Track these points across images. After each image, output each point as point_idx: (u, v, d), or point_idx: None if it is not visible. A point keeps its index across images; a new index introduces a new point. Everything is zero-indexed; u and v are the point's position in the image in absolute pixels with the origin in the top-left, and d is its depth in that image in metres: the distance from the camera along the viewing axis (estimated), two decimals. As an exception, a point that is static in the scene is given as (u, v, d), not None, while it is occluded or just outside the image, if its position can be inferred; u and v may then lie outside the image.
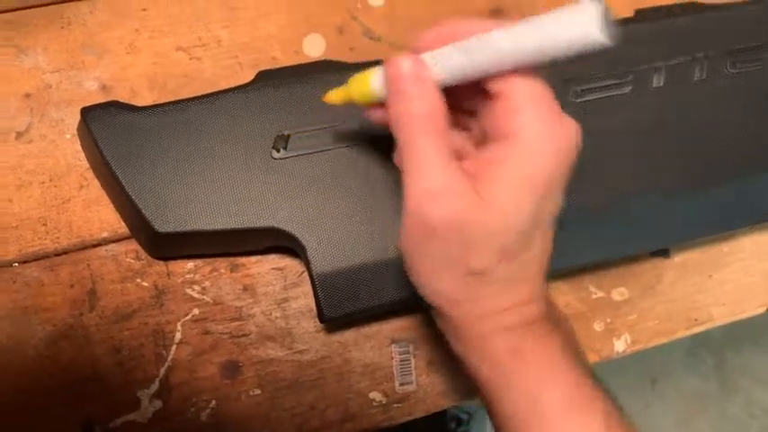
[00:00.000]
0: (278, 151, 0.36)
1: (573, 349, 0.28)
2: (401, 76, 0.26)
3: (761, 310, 0.43)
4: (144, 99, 0.39)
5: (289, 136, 0.36)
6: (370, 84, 0.29)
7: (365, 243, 0.36)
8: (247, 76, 0.39)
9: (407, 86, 0.26)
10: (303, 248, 0.35)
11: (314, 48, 0.41)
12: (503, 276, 0.27)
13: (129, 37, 0.39)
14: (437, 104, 0.26)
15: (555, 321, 0.29)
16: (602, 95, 0.39)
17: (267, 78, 0.37)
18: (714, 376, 1.42)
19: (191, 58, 0.39)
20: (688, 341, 1.42)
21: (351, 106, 0.36)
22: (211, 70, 0.40)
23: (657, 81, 0.40)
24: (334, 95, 0.31)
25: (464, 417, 1.15)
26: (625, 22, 0.41)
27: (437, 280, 0.28)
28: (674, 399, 1.40)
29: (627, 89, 0.39)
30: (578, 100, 0.39)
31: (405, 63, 0.26)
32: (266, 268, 0.38)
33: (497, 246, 0.26)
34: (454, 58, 0.26)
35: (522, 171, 0.25)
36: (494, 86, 0.26)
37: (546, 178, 0.26)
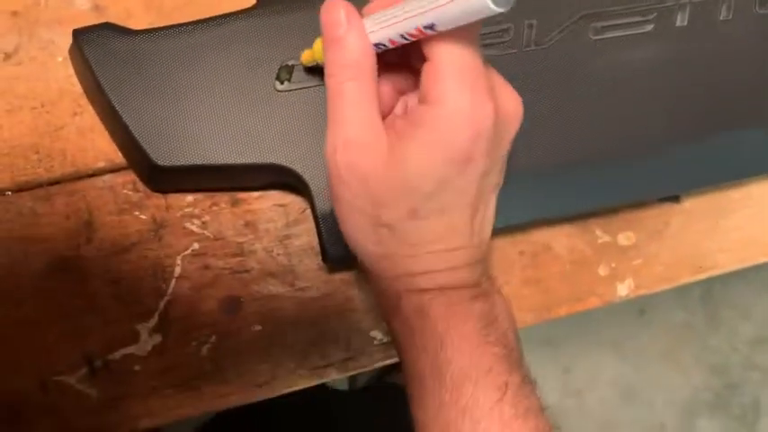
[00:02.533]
0: (281, 83, 0.34)
1: (493, 321, 0.28)
2: (333, 23, 0.27)
3: (766, 259, 0.43)
4: (139, 21, 0.36)
5: (293, 66, 0.34)
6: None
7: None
8: (250, -2, 0.37)
9: (339, 33, 0.27)
10: (307, 187, 0.34)
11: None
12: (416, 236, 0.27)
13: (122, -48, 0.36)
14: (366, 57, 0.27)
15: (483, 293, 0.29)
16: (623, 33, 0.37)
17: (271, 3, 0.35)
18: (700, 309, 1.45)
19: (189, -22, 0.37)
20: (678, 274, 1.44)
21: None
22: (212, -9, 0.37)
23: (681, 20, 0.38)
24: (305, 57, 0.32)
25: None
26: (652, -48, 0.38)
27: (353, 227, 0.28)
28: (661, 329, 1.43)
29: (649, 27, 0.37)
30: (597, 37, 0.37)
31: (338, 12, 0.27)
32: (268, 204, 0.37)
33: (403, 203, 0.27)
34: (383, 20, 0.26)
35: (434, 137, 0.26)
36: (426, 50, 0.26)
37: (461, 149, 0.26)
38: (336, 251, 0.34)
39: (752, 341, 1.46)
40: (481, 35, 0.35)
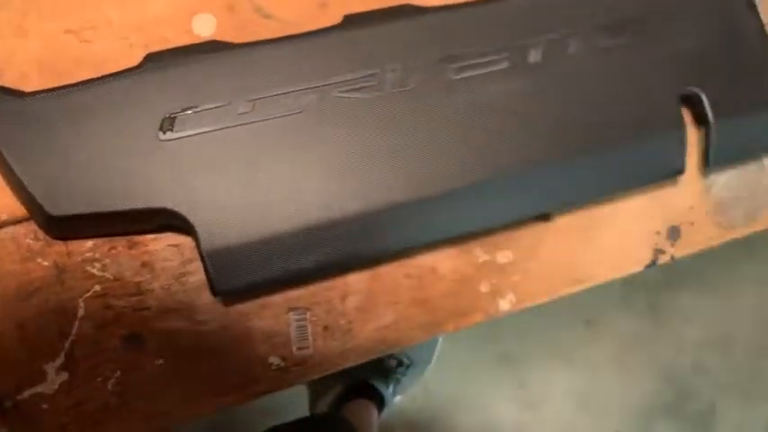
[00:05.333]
0: (164, 133, 0.37)
1: None
2: None
3: (638, 268, 0.47)
4: (34, 83, 0.39)
5: (175, 117, 0.37)
6: None
7: (254, 219, 0.38)
8: (138, 57, 0.40)
9: None
10: (192, 227, 0.37)
11: (204, 27, 0.42)
12: None
13: (16, 19, 0.39)
14: None
15: None
16: (480, 72, 0.41)
17: (154, 61, 0.38)
18: (647, 316, 1.49)
19: (81, 41, 0.40)
20: (623, 284, 1.48)
21: (237, 85, 0.38)
22: (102, 53, 0.40)
23: (535, 56, 0.42)
24: None
25: (406, 361, 1.20)
26: (507, -3, 0.43)
27: None
28: (609, 337, 1.47)
29: (504, 65, 0.41)
30: (457, 77, 0.40)
31: None
32: (163, 245, 0.40)
33: None
34: None
35: None
36: None
37: None
38: (223, 285, 0.37)
39: (698, 344, 1.50)
40: (350, 81, 0.39)
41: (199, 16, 0.42)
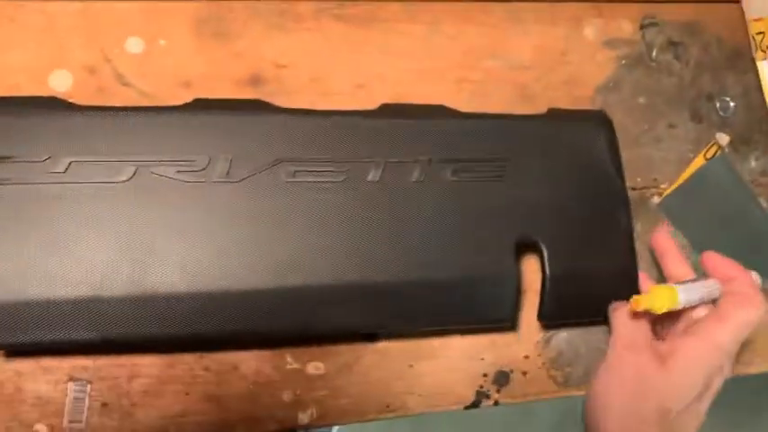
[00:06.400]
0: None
1: None
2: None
3: (456, 407, 0.45)
4: None
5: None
6: (677, 298, 0.40)
7: (37, 279, 0.36)
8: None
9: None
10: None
11: (60, 83, 0.42)
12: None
13: None
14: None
15: None
16: (315, 180, 0.40)
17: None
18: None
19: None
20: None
21: (57, 144, 0.38)
22: (-50, 89, 0.41)
23: (374, 175, 0.41)
24: (640, 304, 0.40)
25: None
26: (365, 114, 0.43)
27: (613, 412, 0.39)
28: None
29: (341, 178, 0.41)
30: (289, 180, 0.40)
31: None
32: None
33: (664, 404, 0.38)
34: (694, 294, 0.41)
35: (695, 355, 0.39)
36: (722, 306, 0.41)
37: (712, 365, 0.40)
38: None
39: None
40: (173, 161, 0.39)
41: (57, 72, 0.42)
